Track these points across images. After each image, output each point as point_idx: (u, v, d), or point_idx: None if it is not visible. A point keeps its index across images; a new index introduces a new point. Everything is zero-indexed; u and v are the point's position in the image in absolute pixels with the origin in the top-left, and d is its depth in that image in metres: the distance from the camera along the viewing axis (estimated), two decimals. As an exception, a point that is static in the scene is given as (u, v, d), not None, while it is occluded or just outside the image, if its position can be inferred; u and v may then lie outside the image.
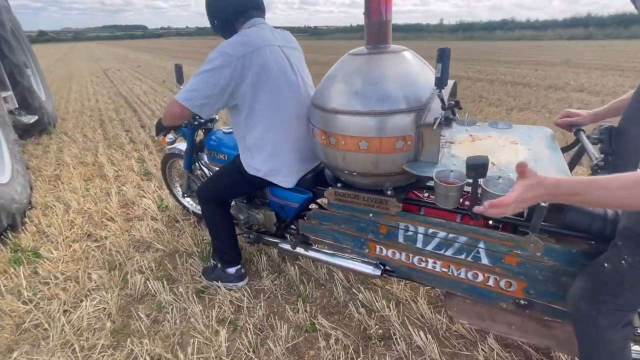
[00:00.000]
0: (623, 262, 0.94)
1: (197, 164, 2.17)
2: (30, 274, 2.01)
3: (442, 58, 1.01)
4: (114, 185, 3.11)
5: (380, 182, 1.32)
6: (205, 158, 2.13)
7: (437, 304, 1.72)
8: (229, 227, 1.78)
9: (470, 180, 1.04)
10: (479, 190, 1.05)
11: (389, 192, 1.33)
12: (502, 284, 1.29)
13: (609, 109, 1.33)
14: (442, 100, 1.07)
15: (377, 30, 1.24)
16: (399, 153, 1.19)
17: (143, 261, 2.06)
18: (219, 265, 1.85)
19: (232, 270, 1.83)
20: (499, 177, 1.08)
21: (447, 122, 1.10)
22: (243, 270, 1.86)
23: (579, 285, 1.06)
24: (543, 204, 0.98)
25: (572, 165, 1.40)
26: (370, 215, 1.43)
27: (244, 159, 1.55)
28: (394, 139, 1.17)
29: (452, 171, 1.14)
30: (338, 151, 1.26)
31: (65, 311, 1.73)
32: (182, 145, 2.22)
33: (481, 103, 6.05)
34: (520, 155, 1.26)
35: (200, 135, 2.09)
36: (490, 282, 1.31)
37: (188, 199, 2.52)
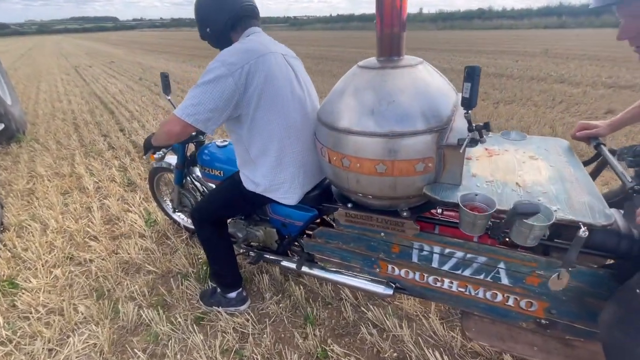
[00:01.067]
0: None
1: (188, 178, 2.02)
2: (8, 307, 1.83)
3: (471, 77, 0.92)
4: (95, 199, 2.90)
5: (396, 204, 1.24)
6: (198, 173, 1.99)
7: (448, 319, 1.68)
8: (228, 248, 1.66)
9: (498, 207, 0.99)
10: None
11: (404, 214, 1.25)
12: (522, 304, 1.24)
13: (623, 119, 1.29)
14: (469, 122, 0.99)
15: (389, 42, 1.14)
16: (419, 175, 1.11)
17: (134, 286, 1.92)
18: (218, 289, 1.74)
19: (232, 294, 1.72)
20: (477, 194, 1.04)
21: (472, 143, 1.02)
22: (244, 293, 1.76)
23: (611, 311, 1.02)
24: (582, 234, 0.92)
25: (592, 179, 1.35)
26: (382, 234, 1.36)
27: (245, 173, 1.44)
28: (414, 162, 1.08)
29: (476, 194, 1.07)
30: (351, 173, 1.16)
31: (50, 350, 1.58)
32: (171, 159, 2.06)
33: (468, 97, 6.06)
34: (544, 174, 1.20)
35: (190, 148, 1.94)
36: (510, 302, 1.26)
37: (179, 214, 2.37)
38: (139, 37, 41.38)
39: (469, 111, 0.97)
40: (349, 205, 1.37)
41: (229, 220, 1.76)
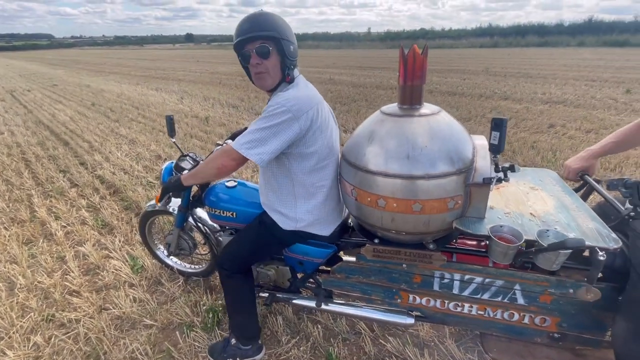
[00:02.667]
0: None
1: (190, 220, 1.93)
2: (-18, 390, 1.58)
3: (499, 127, 1.08)
4: (66, 246, 2.62)
5: (424, 238, 1.33)
6: (201, 215, 1.91)
7: (462, 341, 1.76)
8: (252, 297, 1.61)
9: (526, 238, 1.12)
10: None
11: (431, 246, 1.34)
12: (537, 320, 1.36)
13: (602, 150, 1.47)
14: (496, 164, 1.13)
15: (411, 92, 1.24)
16: (450, 212, 1.20)
17: (133, 344, 1.76)
18: (233, 340, 1.65)
19: (249, 344, 1.64)
20: (547, 230, 1.15)
21: (498, 182, 1.15)
22: (260, 341, 1.69)
23: (622, 326, 1.15)
24: (601, 258, 1.06)
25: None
26: (404, 265, 1.42)
27: (282, 211, 1.45)
28: (447, 200, 1.17)
29: (501, 226, 1.19)
30: (386, 213, 1.23)
31: None
32: (172, 203, 1.96)
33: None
34: (549, 203, 1.34)
35: (193, 189, 1.87)
36: (526, 320, 1.38)
37: (173, 258, 2.23)
38: (81, 56, 38.68)
39: (497, 155, 1.11)
40: (376, 240, 1.42)
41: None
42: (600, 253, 1.06)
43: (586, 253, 1.24)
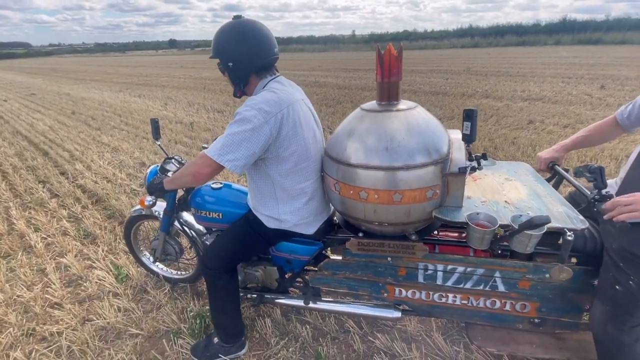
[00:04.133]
0: (631, 282, 1.08)
1: (176, 224, 1.91)
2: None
3: (470, 117, 1.14)
4: (47, 258, 2.55)
5: (406, 229, 1.36)
6: (187, 218, 1.89)
7: (449, 334, 1.78)
8: (236, 297, 1.61)
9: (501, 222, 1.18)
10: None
11: (413, 237, 1.38)
12: (517, 307, 1.41)
13: (573, 143, 1.53)
14: (470, 153, 1.18)
15: (388, 89, 1.28)
16: (429, 201, 1.24)
17: (119, 355, 1.72)
18: (215, 339, 1.64)
19: (232, 342, 1.64)
20: (520, 215, 1.20)
21: (472, 170, 1.19)
22: (243, 338, 1.69)
23: (600, 310, 1.19)
24: (569, 237, 1.10)
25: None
26: (389, 259, 1.46)
27: (266, 213, 1.46)
28: (426, 189, 1.21)
29: (478, 213, 1.23)
30: (369, 205, 1.26)
31: None
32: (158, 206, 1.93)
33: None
34: (522, 192, 1.40)
35: (179, 192, 1.85)
36: (507, 307, 1.43)
37: (159, 264, 2.20)
38: (60, 64, 37.71)
39: (470, 145, 1.17)
40: (360, 234, 1.45)
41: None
42: (569, 233, 1.12)
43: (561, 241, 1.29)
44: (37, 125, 7.13)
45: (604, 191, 1.20)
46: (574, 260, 1.37)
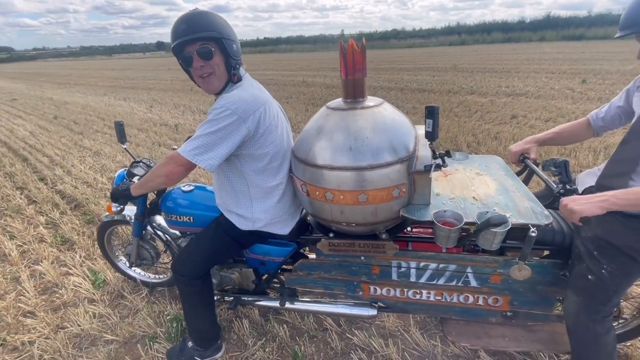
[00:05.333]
0: (604, 271, 1.09)
1: (148, 228, 1.87)
2: None
3: (432, 114, 1.11)
4: (21, 266, 2.48)
5: (375, 229, 1.34)
6: (160, 222, 1.86)
7: (426, 329, 1.79)
8: (211, 301, 1.58)
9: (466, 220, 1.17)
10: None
11: (383, 236, 1.37)
12: (490, 301, 1.42)
13: (544, 138, 1.53)
14: (433, 150, 1.15)
15: (353, 86, 1.26)
16: (395, 200, 1.23)
17: (92, 362, 1.68)
18: (190, 343, 1.62)
19: (208, 346, 1.62)
20: (487, 212, 1.19)
21: (437, 168, 1.18)
22: (219, 341, 1.67)
23: (573, 300, 1.20)
24: (532, 234, 1.10)
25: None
26: (362, 258, 1.45)
27: (239, 213, 1.42)
28: (391, 189, 1.20)
29: (445, 211, 1.22)
30: (335, 205, 1.24)
31: None
32: (127, 211, 1.89)
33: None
34: (491, 187, 1.40)
35: (150, 196, 1.81)
36: (480, 302, 1.43)
37: (136, 269, 2.16)
38: (44, 69, 36.89)
39: (432, 142, 1.14)
40: (331, 235, 1.44)
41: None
42: (532, 229, 1.11)
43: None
44: (17, 131, 6.96)
45: (568, 185, 1.22)
46: (546, 252, 1.38)
